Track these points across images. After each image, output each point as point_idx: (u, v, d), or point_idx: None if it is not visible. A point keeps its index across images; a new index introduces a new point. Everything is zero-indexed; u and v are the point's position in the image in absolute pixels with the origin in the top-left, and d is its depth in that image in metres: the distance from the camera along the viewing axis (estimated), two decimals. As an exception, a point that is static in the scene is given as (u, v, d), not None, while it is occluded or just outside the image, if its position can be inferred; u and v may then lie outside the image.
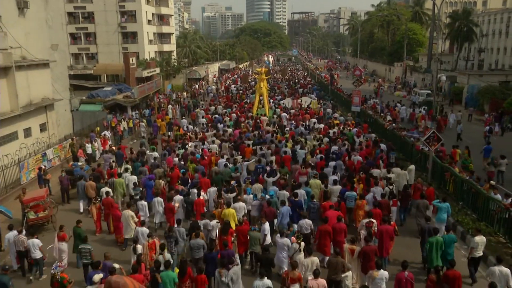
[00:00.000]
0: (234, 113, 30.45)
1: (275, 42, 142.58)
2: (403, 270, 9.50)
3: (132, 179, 17.12)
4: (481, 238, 11.21)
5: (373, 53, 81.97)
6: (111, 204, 14.66)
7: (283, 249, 10.97)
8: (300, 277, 9.65)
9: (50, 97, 26.51)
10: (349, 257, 10.71)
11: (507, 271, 9.49)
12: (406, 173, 16.58)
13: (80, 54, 55.57)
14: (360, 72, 41.83)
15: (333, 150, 19.30)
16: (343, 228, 11.64)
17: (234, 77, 67.35)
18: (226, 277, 9.65)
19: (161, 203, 14.66)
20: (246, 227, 11.91)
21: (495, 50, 58.88)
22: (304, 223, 12.04)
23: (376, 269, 9.63)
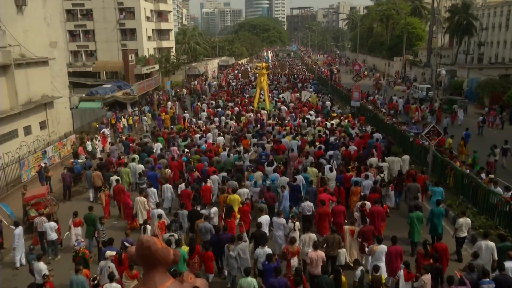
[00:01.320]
0: (236, 106, 31.74)
1: (274, 38, 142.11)
2: (393, 245, 10.34)
3: (139, 168, 18.06)
4: (465, 219, 12.11)
5: (372, 47, 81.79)
6: (122, 191, 15.64)
7: (279, 228, 11.87)
8: (298, 251, 10.53)
9: (50, 94, 26.49)
10: (350, 237, 11.41)
11: (492, 244, 10.30)
12: (400, 160, 17.56)
13: (79, 51, 55.49)
14: (359, 67, 41.80)
15: (331, 141, 20.37)
16: (342, 210, 12.53)
17: (234, 73, 68.11)
18: (233, 252, 10.57)
19: (170, 189, 15.74)
20: (248, 208, 12.99)
21: (495, 44, 58.70)
22: (306, 205, 13.00)
23: (377, 243, 10.44)
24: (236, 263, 10.66)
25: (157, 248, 5.63)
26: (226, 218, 12.70)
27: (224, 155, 18.75)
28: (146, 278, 5.78)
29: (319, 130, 22.61)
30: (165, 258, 5.79)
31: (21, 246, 12.89)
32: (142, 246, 5.59)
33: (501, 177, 17.49)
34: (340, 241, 10.83)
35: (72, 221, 13.28)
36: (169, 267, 6.08)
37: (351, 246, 11.42)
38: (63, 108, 29.84)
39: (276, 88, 43.72)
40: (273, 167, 16.75)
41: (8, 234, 13.64)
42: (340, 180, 15.16)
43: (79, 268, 10.11)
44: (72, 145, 24.89)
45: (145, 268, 5.82)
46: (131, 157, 19.97)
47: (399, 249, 10.33)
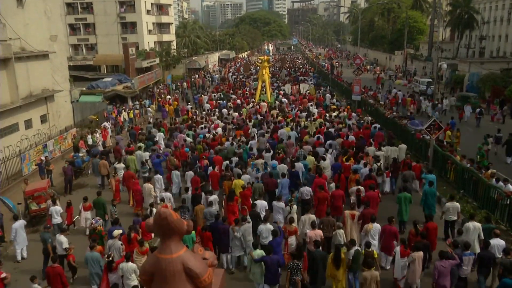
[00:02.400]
0: (238, 99, 32.62)
1: (275, 31, 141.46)
2: (388, 224, 11.14)
3: (145, 155, 18.84)
4: (452, 203, 12.83)
5: (373, 41, 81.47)
6: (132, 177, 16.39)
7: (278, 211, 12.89)
8: (296, 230, 11.50)
9: (50, 88, 26.48)
10: (350, 221, 12.00)
11: (479, 225, 11.23)
12: (396, 149, 18.55)
13: (79, 45, 55.35)
14: (360, 61, 41.68)
15: (331, 132, 21.22)
16: (340, 195, 13.32)
17: (236, 66, 68.78)
18: (238, 232, 11.41)
19: (178, 175, 16.58)
20: (248, 192, 13.81)
21: (496, 37, 58.36)
22: (305, 190, 13.81)
23: (371, 222, 11.32)
24: (241, 244, 11.51)
25: (173, 219, 6.39)
26: (228, 201, 13.35)
27: (228, 144, 19.68)
28: (163, 246, 6.55)
29: (320, 122, 23.28)
30: (180, 228, 6.55)
31: (23, 240, 12.93)
32: (159, 217, 6.36)
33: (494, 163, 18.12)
34: (335, 223, 11.69)
35: (83, 205, 14.14)
36: (183, 237, 6.84)
37: (352, 229, 11.98)
38: (64, 102, 29.83)
39: (277, 81, 44.14)
40: (270, 154, 17.78)
41: (9, 227, 13.69)
42: (338, 168, 15.83)
43: (94, 245, 10.77)
44: (73, 138, 24.92)
45: (162, 237, 6.62)
46: (137, 146, 20.70)
47: (394, 229, 11.13)
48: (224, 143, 20.03)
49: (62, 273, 10.32)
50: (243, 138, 20.42)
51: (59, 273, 10.20)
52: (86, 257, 10.66)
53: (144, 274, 6.84)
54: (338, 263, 9.78)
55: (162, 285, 6.62)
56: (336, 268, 9.80)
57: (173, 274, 6.52)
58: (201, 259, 7.03)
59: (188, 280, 6.63)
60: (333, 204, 13.12)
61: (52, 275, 10.16)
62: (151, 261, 6.79)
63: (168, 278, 6.52)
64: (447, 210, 12.83)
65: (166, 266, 6.51)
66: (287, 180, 14.67)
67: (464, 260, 9.95)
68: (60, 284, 10.20)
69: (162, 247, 6.62)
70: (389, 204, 14.64)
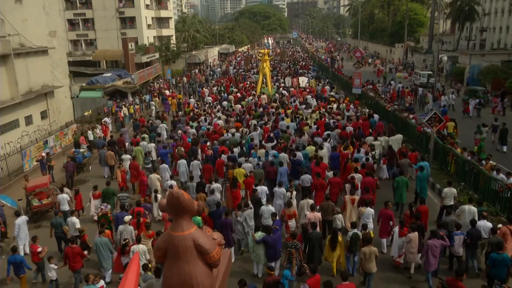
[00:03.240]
0: (240, 92, 33.28)
1: (274, 25, 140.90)
2: (384, 208, 11.85)
3: (150, 146, 19.60)
4: (450, 189, 13.24)
5: (373, 34, 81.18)
6: (137, 168, 16.98)
7: (279, 197, 13.64)
8: (295, 213, 12.27)
9: (50, 84, 26.45)
10: (350, 206, 12.73)
11: (474, 209, 11.78)
12: (392, 139, 19.07)
13: (78, 40, 55.15)
14: (360, 54, 41.55)
15: (330, 123, 21.82)
16: (337, 182, 14.01)
17: (237, 60, 69.50)
18: (241, 217, 12.06)
19: (184, 164, 17.05)
20: (251, 180, 14.50)
21: (497, 29, 58.10)
22: (306, 178, 14.51)
23: (364, 206, 12.02)
24: (243, 228, 12.14)
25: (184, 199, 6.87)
26: (232, 188, 14.01)
27: (229, 135, 20.27)
28: (175, 224, 7.06)
29: (321, 113, 23.99)
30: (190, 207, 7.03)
31: (25, 236, 12.96)
32: (172, 197, 6.83)
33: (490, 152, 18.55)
34: (334, 207, 12.40)
35: (92, 194, 14.68)
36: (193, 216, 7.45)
37: (352, 213, 12.67)
38: (64, 98, 29.81)
39: (277, 75, 44.55)
40: (272, 143, 18.60)
41: (11, 223, 13.72)
42: (336, 157, 16.78)
43: (103, 230, 11.39)
44: (73, 134, 24.93)
45: (174, 216, 7.11)
46: (141, 137, 21.33)
47: (389, 212, 11.82)
48: (224, 134, 20.61)
49: (81, 251, 10.95)
50: (245, 130, 21.22)
51: (78, 252, 10.84)
52: (96, 242, 11.17)
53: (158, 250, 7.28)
54: (334, 246, 10.51)
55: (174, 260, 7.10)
56: (331, 250, 10.55)
57: (185, 250, 7.00)
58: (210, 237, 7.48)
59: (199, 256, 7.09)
60: (330, 191, 13.81)
61: (71, 255, 10.72)
62: (164, 238, 7.23)
63: (181, 253, 7.01)
64: (445, 195, 13.26)
65: (178, 243, 6.95)
66: (285, 168, 15.35)
67: (455, 240, 10.74)
68: (80, 263, 10.89)
69: (174, 225, 7.11)
70: (386, 190, 15.34)
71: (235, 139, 19.47)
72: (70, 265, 10.83)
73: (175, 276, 7.16)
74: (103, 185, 15.25)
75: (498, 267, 9.52)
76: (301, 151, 17.00)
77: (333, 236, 10.56)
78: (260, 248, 10.70)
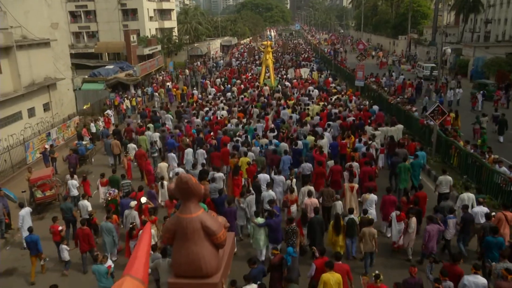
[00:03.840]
0: (243, 84, 33.90)
1: (277, 17, 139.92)
2: (387, 194, 12.39)
3: (155, 136, 20.09)
4: (445, 177, 13.65)
5: (377, 26, 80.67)
6: (144, 156, 17.62)
7: (279, 184, 14.01)
8: (296, 199, 12.80)
9: (52, 76, 26.46)
10: (349, 193, 13.13)
11: (472, 196, 12.24)
12: (393, 129, 19.48)
13: (80, 32, 55.06)
14: (364, 46, 41.36)
15: (331, 113, 22.27)
16: (339, 170, 14.54)
17: (239, 51, 70.06)
18: (243, 203, 12.56)
19: (191, 153, 17.53)
20: (253, 168, 14.99)
21: (502, 21, 57.48)
22: (306, 166, 15.04)
23: (368, 193, 12.47)
24: (245, 214, 12.59)
25: (192, 183, 7.39)
26: (234, 176, 14.38)
27: (232, 126, 20.97)
28: (183, 207, 7.58)
29: (324, 104, 24.36)
30: (198, 191, 7.59)
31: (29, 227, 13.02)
32: (181, 181, 7.41)
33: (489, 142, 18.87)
34: (334, 194, 12.85)
35: (100, 181, 15.35)
36: (201, 199, 7.92)
37: (351, 200, 13.08)
38: (66, 90, 29.83)
39: (280, 67, 44.84)
40: (274, 133, 19.10)
41: (15, 215, 13.80)
42: (335, 146, 17.33)
43: (110, 216, 11.89)
44: (76, 126, 24.96)
45: (183, 199, 7.62)
46: (147, 127, 21.65)
47: (393, 198, 12.36)
48: (227, 124, 21.15)
49: (90, 233, 11.47)
50: (249, 120, 21.74)
51: (87, 233, 11.40)
52: (101, 226, 11.77)
53: (167, 232, 7.78)
54: (338, 230, 10.92)
55: (183, 241, 7.60)
56: (336, 234, 10.95)
57: (193, 232, 7.48)
58: (216, 219, 7.98)
59: (206, 237, 7.56)
60: (332, 178, 14.29)
61: (81, 236, 11.35)
62: (173, 221, 7.76)
63: (189, 235, 7.51)
64: (440, 183, 13.69)
65: (186, 224, 7.45)
66: (288, 157, 15.82)
67: (448, 223, 11.24)
68: (88, 244, 11.41)
69: (182, 208, 7.58)
70: (383, 178, 15.97)
71: (238, 129, 19.91)
72: (80, 246, 11.44)
73: (184, 257, 7.67)
74: (108, 173, 15.91)
75: (492, 250, 9.87)
76: (301, 141, 17.50)
77: (336, 221, 10.96)
78: (260, 233, 11.00)
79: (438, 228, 10.69)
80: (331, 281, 8.40)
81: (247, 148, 16.62)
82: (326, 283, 8.36)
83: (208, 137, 19.17)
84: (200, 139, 18.80)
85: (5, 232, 13.97)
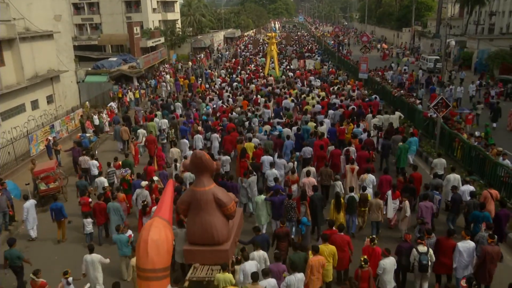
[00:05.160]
0: (248, 74, 35.02)
1: (280, 9, 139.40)
2: (384, 174, 13.58)
3: (163, 122, 21.38)
4: (439, 160, 14.62)
5: (381, 18, 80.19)
6: (154, 142, 18.52)
7: (280, 167, 14.83)
8: (297, 179, 13.68)
9: (56, 68, 26.45)
10: (350, 174, 14.03)
11: (458, 176, 13.16)
12: (392, 117, 20.36)
13: (83, 24, 54.99)
14: (368, 39, 41.13)
15: (335, 102, 23.45)
16: (338, 153, 15.44)
17: (244, 43, 71.51)
18: (245, 183, 13.35)
19: (201, 139, 18.36)
20: (260, 152, 15.83)
21: (506, 13, 56.96)
22: (306, 150, 15.90)
23: (366, 173, 13.30)
24: (246, 193, 13.49)
25: (206, 159, 8.19)
26: (241, 158, 15.35)
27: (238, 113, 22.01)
28: (197, 181, 8.44)
29: (323, 95, 25.40)
30: (211, 166, 8.40)
31: (33, 219, 13.11)
32: (195, 156, 8.27)
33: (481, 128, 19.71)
34: (332, 174, 13.88)
35: (113, 164, 16.06)
36: (213, 174, 8.81)
37: (351, 180, 13.89)
38: (70, 82, 29.84)
39: (284, 58, 45.83)
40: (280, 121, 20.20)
41: (19, 207, 13.88)
42: (333, 132, 18.42)
43: (115, 196, 12.71)
44: (80, 119, 24.97)
45: (196, 173, 8.47)
46: (155, 114, 22.78)
47: (389, 178, 13.34)
48: (233, 113, 22.14)
49: (106, 207, 12.34)
50: (256, 107, 23.05)
51: (103, 208, 12.36)
52: (108, 206, 12.32)
53: (183, 204, 8.50)
54: (338, 208, 11.58)
55: (197, 211, 8.40)
56: (337, 212, 11.59)
57: (206, 203, 8.26)
58: (227, 193, 8.76)
59: (218, 208, 8.35)
60: (332, 161, 15.23)
61: (98, 210, 12.37)
62: (188, 194, 8.59)
63: (202, 206, 8.29)
64: (435, 165, 14.58)
65: (200, 197, 8.25)
66: (291, 141, 16.93)
67: (434, 199, 12.13)
68: (104, 217, 12.44)
69: (196, 182, 8.40)
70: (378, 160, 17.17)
71: (242, 117, 21.02)
72: (97, 220, 12.45)
73: (198, 226, 8.47)
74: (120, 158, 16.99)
75: (478, 224, 10.75)
76: (303, 127, 18.55)
77: (336, 200, 11.62)
78: (262, 209, 11.94)
79: (431, 205, 11.44)
80: (325, 252, 9.09)
81: (252, 134, 17.77)
82: (322, 253, 9.04)
83: (215, 123, 20.18)
84: (208, 126, 19.79)
85: (9, 225, 14.05)
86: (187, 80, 35.62)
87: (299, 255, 9.08)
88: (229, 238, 8.83)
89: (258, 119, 20.52)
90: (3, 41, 21.39)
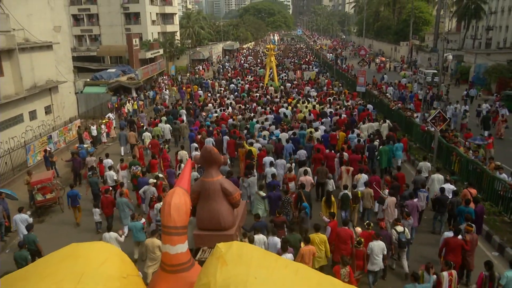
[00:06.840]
0: (247, 85, 36.46)
1: (279, 22, 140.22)
2: (373, 175, 15.08)
3: (167, 127, 22.91)
4: (425, 163, 15.78)
5: (379, 32, 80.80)
6: (157, 145, 19.61)
7: (281, 167, 16.13)
8: (294, 177, 14.83)
9: (54, 79, 26.49)
10: (345, 175, 15.24)
11: (441, 177, 14.30)
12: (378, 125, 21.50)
13: (83, 35, 55.19)
14: (365, 52, 41.43)
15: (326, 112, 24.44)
16: (333, 156, 16.78)
17: (244, 55, 72.76)
18: (245, 183, 14.43)
19: (211, 141, 19.12)
20: (264, 153, 17.04)
21: (503, 28, 57.52)
22: (301, 153, 17.18)
23: (360, 173, 14.51)
24: (246, 192, 14.46)
25: (214, 152, 9.24)
26: (247, 159, 16.82)
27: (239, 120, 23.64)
28: (206, 173, 9.44)
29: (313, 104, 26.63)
30: (219, 159, 9.42)
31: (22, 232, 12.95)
32: (206, 150, 9.34)
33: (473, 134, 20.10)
34: (327, 172, 15.28)
35: (120, 165, 17.06)
36: (220, 167, 9.84)
37: (346, 181, 15.01)
38: (68, 93, 29.85)
39: (282, 70, 47.13)
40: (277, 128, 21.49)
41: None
42: (326, 137, 19.59)
43: (122, 192, 13.79)
44: (77, 129, 24.94)
45: (206, 166, 9.48)
46: (160, 119, 24.20)
47: (378, 178, 14.64)
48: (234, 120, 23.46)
49: (113, 201, 13.77)
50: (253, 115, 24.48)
51: (111, 201, 13.74)
52: (117, 202, 13.52)
53: (194, 193, 9.25)
54: (329, 205, 12.58)
55: (205, 200, 9.39)
56: (328, 208, 12.48)
57: (214, 192, 9.26)
58: (232, 184, 9.79)
59: (224, 197, 9.33)
60: (327, 163, 16.45)
61: (105, 203, 13.63)
62: (198, 184, 9.61)
63: (211, 195, 9.29)
64: (420, 168, 15.57)
65: (209, 186, 9.25)
66: (290, 145, 18.37)
67: (419, 196, 13.33)
68: (112, 210, 13.67)
69: (206, 174, 9.43)
70: None
71: (243, 123, 22.59)
72: (105, 211, 13.66)
73: (206, 213, 9.48)
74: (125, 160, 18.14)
75: (462, 217, 11.69)
76: (299, 132, 20.21)
77: (327, 197, 12.81)
78: (260, 205, 13.08)
79: (416, 202, 12.47)
80: (316, 240, 10.15)
81: (255, 140, 19.04)
82: (313, 241, 10.06)
83: (214, 130, 21.32)
84: (211, 132, 21.05)
85: (4, 235, 13.95)
86: (190, 88, 37.06)
87: (294, 236, 10.43)
88: (234, 224, 9.83)
89: (259, 125, 21.81)
90: (3, 51, 21.45)
